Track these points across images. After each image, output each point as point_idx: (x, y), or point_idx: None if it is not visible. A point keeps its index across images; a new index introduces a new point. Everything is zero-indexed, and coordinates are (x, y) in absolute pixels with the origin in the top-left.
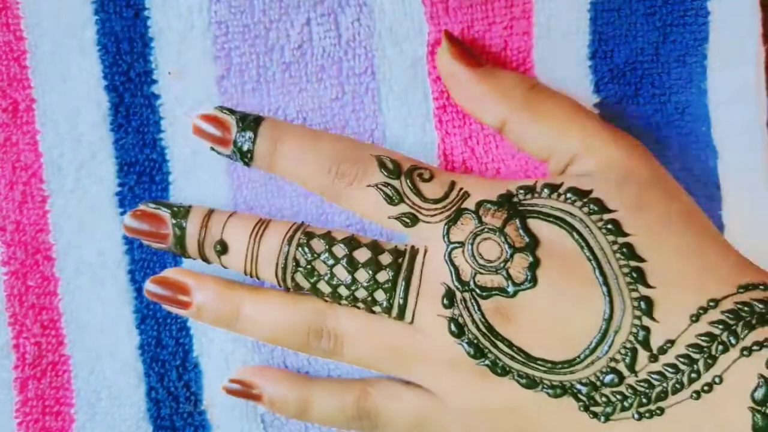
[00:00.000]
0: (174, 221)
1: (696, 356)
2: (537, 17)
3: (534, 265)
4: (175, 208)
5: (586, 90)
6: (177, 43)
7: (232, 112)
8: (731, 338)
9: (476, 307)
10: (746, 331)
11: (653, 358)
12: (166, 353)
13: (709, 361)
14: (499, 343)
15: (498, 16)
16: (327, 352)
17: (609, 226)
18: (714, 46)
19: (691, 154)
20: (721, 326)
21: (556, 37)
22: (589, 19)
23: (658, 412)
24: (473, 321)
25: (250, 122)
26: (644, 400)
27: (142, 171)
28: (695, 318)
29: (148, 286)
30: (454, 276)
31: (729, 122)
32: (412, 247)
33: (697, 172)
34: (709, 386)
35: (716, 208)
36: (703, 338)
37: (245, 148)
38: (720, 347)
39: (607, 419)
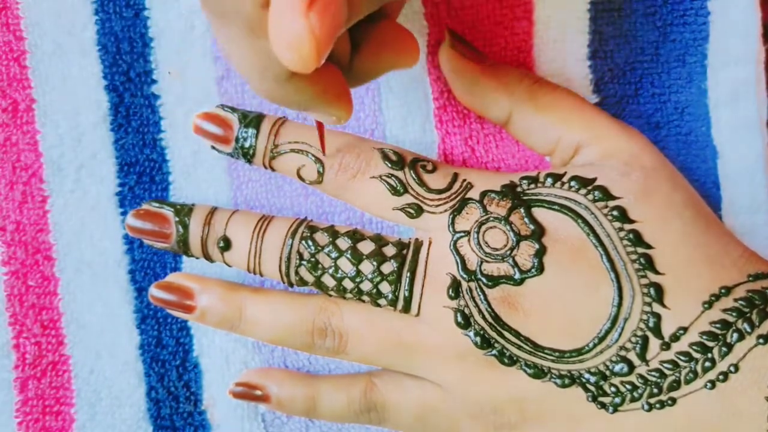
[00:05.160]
0: (177, 219)
1: (710, 344)
2: (537, 17)
3: (540, 253)
4: (178, 206)
5: (585, 90)
6: (177, 43)
7: (233, 110)
8: (746, 326)
9: (482, 297)
10: (762, 319)
11: (665, 346)
12: (166, 353)
13: (725, 349)
14: (506, 333)
15: (498, 16)
16: (332, 351)
17: (614, 213)
18: (714, 46)
19: (691, 154)
20: (735, 314)
21: (555, 37)
22: (588, 18)
23: (669, 402)
24: (479, 311)
25: (252, 119)
26: (655, 390)
27: (142, 171)
28: (708, 305)
29: (153, 291)
30: (460, 265)
31: (729, 122)
32: (417, 239)
33: (697, 172)
34: (725, 375)
35: (716, 208)
36: (717, 325)
37: (247, 144)
38: (735, 335)
39: (615, 410)
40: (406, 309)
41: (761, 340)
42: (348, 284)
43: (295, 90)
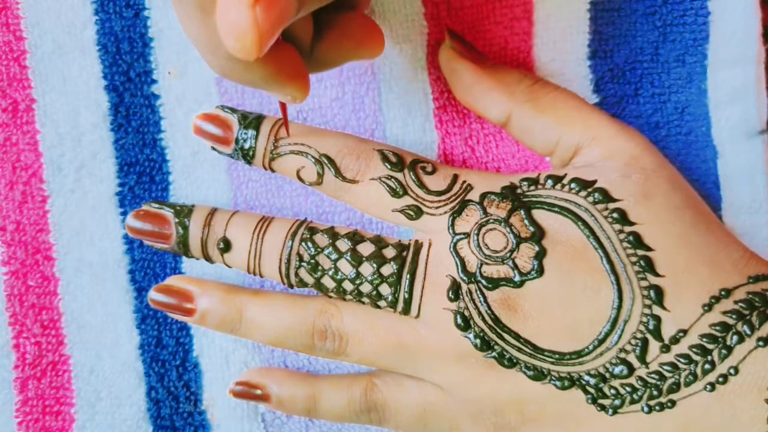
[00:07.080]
0: (177, 220)
1: (710, 346)
2: (537, 17)
3: (540, 255)
4: (178, 208)
5: (586, 90)
6: (177, 43)
7: (233, 111)
8: (746, 328)
9: (482, 299)
10: (762, 321)
11: (665, 349)
12: (166, 353)
13: (724, 351)
14: (506, 335)
15: (498, 16)
16: (332, 353)
17: (615, 215)
18: (714, 46)
19: (691, 154)
20: (734, 316)
21: (555, 37)
22: (588, 18)
23: (669, 404)
24: (479, 313)
25: (252, 120)
26: (655, 393)
27: (142, 171)
28: (707, 307)
29: (152, 295)
30: (459, 267)
31: (729, 122)
32: (416, 240)
33: (697, 172)
34: (724, 377)
35: (716, 208)
36: (716, 328)
37: (247, 145)
38: (735, 337)
39: (614, 412)
40: (406, 311)
41: (761, 343)
42: (348, 286)
43: (246, 69)
